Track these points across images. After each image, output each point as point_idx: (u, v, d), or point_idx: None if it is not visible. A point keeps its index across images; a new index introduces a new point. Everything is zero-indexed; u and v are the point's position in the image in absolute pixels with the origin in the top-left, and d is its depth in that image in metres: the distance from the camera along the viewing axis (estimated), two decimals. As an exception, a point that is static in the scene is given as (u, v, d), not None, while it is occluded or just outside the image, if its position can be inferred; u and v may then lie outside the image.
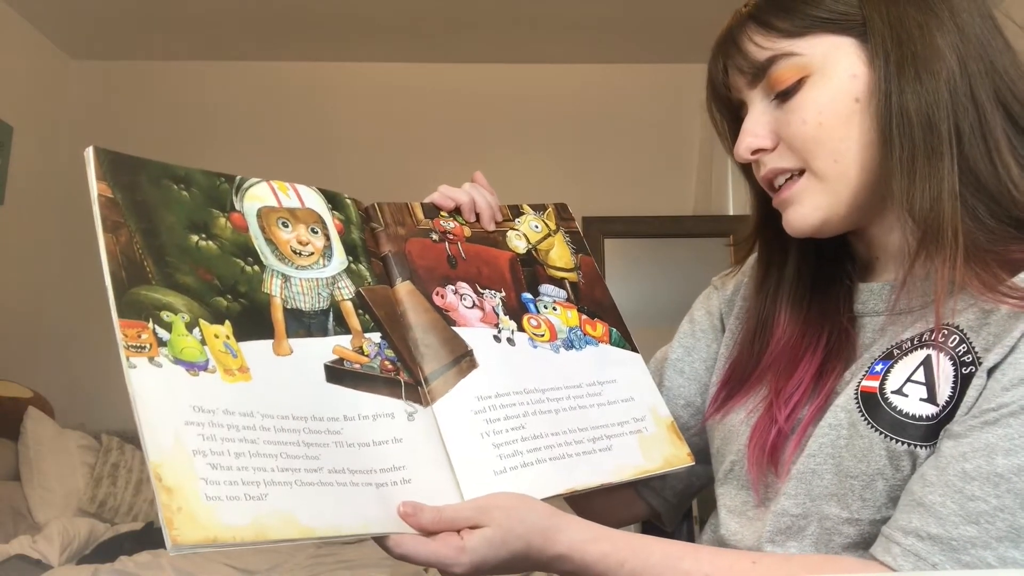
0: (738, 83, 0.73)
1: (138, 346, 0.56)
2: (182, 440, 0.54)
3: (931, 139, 0.64)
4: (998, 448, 0.57)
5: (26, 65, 3.19)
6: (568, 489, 0.70)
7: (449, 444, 0.68)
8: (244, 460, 0.56)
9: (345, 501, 0.59)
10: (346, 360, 0.67)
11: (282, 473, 0.57)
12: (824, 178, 0.69)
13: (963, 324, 0.63)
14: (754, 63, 0.70)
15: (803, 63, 0.68)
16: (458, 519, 0.62)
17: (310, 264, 0.70)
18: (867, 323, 0.73)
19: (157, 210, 0.63)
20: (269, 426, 0.59)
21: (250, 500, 0.54)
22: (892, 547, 0.59)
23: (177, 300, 0.60)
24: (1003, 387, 0.58)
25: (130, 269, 0.59)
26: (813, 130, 0.68)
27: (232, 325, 0.62)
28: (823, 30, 0.68)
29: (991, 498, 0.56)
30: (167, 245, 0.62)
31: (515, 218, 0.89)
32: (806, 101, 0.68)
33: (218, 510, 0.52)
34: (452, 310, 0.76)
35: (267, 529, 0.54)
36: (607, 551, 0.63)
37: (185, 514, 0.51)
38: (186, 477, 0.52)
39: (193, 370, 0.57)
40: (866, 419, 0.64)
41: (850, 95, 0.67)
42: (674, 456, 0.79)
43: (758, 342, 0.79)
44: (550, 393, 0.76)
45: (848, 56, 0.68)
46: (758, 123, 0.72)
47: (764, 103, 0.72)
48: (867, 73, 0.67)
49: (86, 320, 3.25)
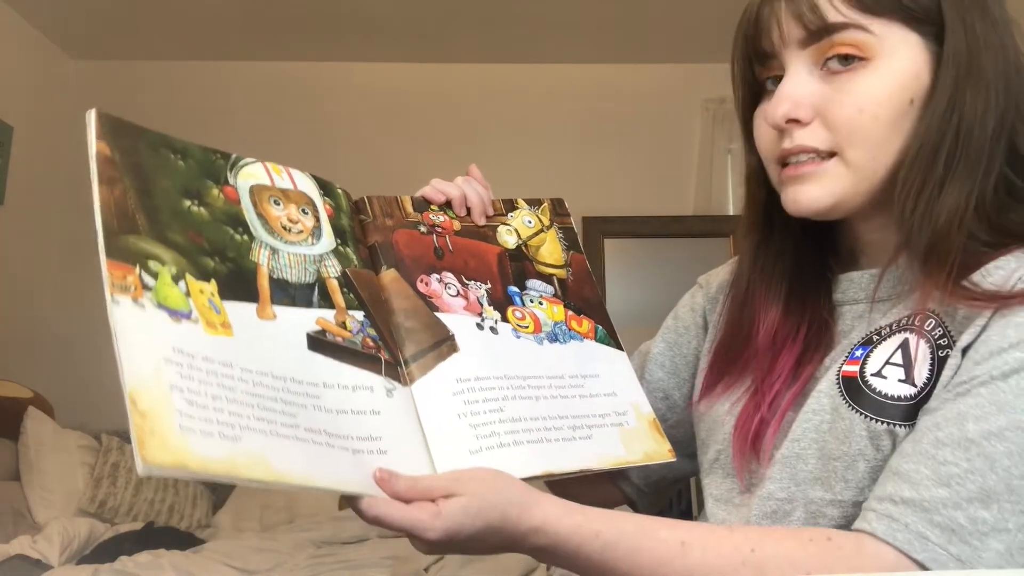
0: (789, 34, 0.67)
1: (123, 286, 0.55)
2: (160, 373, 0.53)
3: (971, 159, 0.64)
4: (968, 415, 0.58)
5: (26, 65, 3.20)
6: (545, 471, 0.70)
7: (425, 423, 0.68)
8: (221, 403, 0.55)
9: (320, 458, 0.59)
10: (328, 332, 0.67)
11: (257, 422, 0.56)
12: (855, 169, 0.67)
13: (938, 309, 0.65)
14: (823, 20, 0.65)
15: (872, 43, 0.65)
16: (434, 488, 0.61)
17: (299, 241, 0.70)
18: (846, 311, 0.74)
19: (153, 173, 0.63)
20: (247, 379, 0.58)
21: (224, 439, 0.54)
22: (867, 514, 0.60)
23: (165, 253, 0.60)
24: (975, 362, 0.60)
25: (121, 220, 0.58)
26: (867, 121, 0.65)
27: (217, 284, 0.62)
28: (901, 17, 0.65)
29: (962, 461, 0.57)
30: (160, 206, 0.62)
31: (508, 212, 0.88)
32: (863, 87, 0.65)
33: (190, 440, 0.52)
34: (436, 297, 0.77)
35: (239, 467, 0.53)
36: (580, 522, 0.63)
37: (158, 437, 0.50)
38: (161, 405, 0.52)
39: (176, 317, 0.57)
40: (847, 402, 0.65)
41: (908, 94, 0.65)
42: (655, 452, 0.79)
43: (741, 335, 0.79)
44: (531, 381, 0.76)
45: (917, 54, 0.65)
46: (802, 90, 0.67)
47: (810, 69, 0.67)
48: (929, 77, 0.65)
49: (86, 320, 3.24)
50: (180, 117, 3.37)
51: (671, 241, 3.45)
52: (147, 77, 3.44)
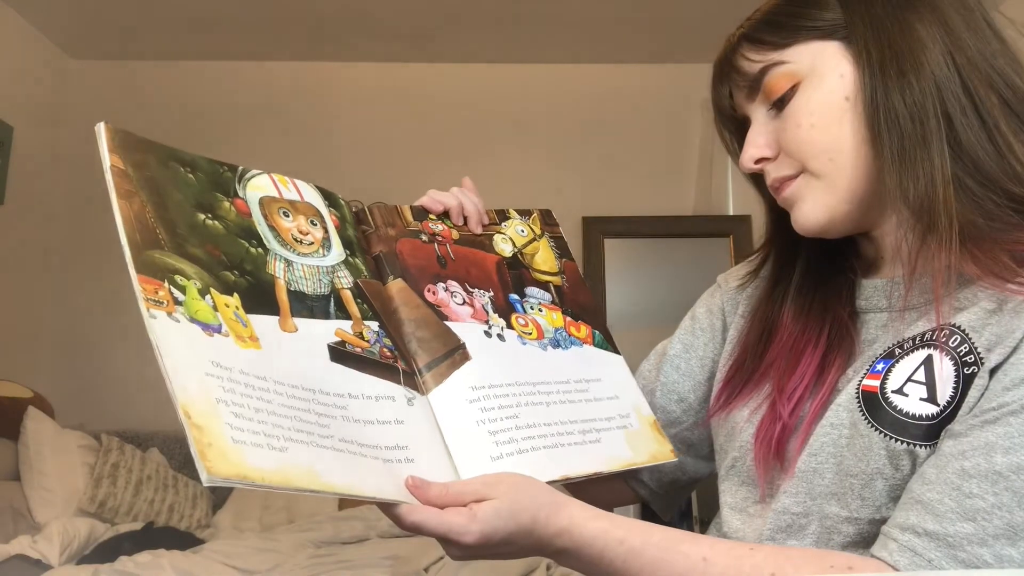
0: (739, 100, 0.76)
1: (156, 300, 0.56)
2: (206, 387, 0.54)
3: (919, 129, 0.65)
4: (997, 446, 0.57)
5: (26, 65, 3.19)
6: (562, 475, 0.71)
7: (445, 431, 0.69)
8: (263, 416, 0.56)
9: (359, 467, 0.60)
10: (348, 343, 0.68)
11: (298, 433, 0.58)
12: (822, 177, 0.70)
13: (964, 324, 0.63)
14: (748, 77, 0.73)
15: (793, 70, 0.70)
16: (465, 493, 0.63)
17: (311, 252, 0.71)
18: (869, 319, 0.74)
19: (166, 187, 0.64)
20: (282, 392, 0.59)
21: (272, 450, 0.55)
22: (889, 543, 0.59)
23: (189, 268, 0.60)
24: (1004, 387, 0.58)
25: (144, 234, 0.59)
26: (806, 132, 0.70)
27: (240, 298, 0.63)
28: (809, 37, 0.70)
29: (989, 495, 0.56)
30: (177, 219, 0.63)
31: (502, 222, 0.91)
32: (799, 106, 0.70)
33: (245, 452, 0.53)
34: (444, 306, 0.78)
35: (291, 477, 0.54)
36: (606, 527, 0.64)
37: (216, 449, 0.52)
38: (213, 418, 0.53)
39: (208, 331, 0.58)
40: (867, 418, 0.64)
41: (840, 94, 0.69)
42: (659, 452, 0.81)
43: (763, 342, 0.80)
44: (540, 387, 0.77)
45: (835, 58, 0.70)
46: (759, 134, 0.74)
47: (764, 114, 0.74)
48: (854, 72, 0.69)
49: (86, 320, 3.25)
50: (180, 117, 3.37)
51: (671, 241, 3.45)
52: (147, 77, 3.44)
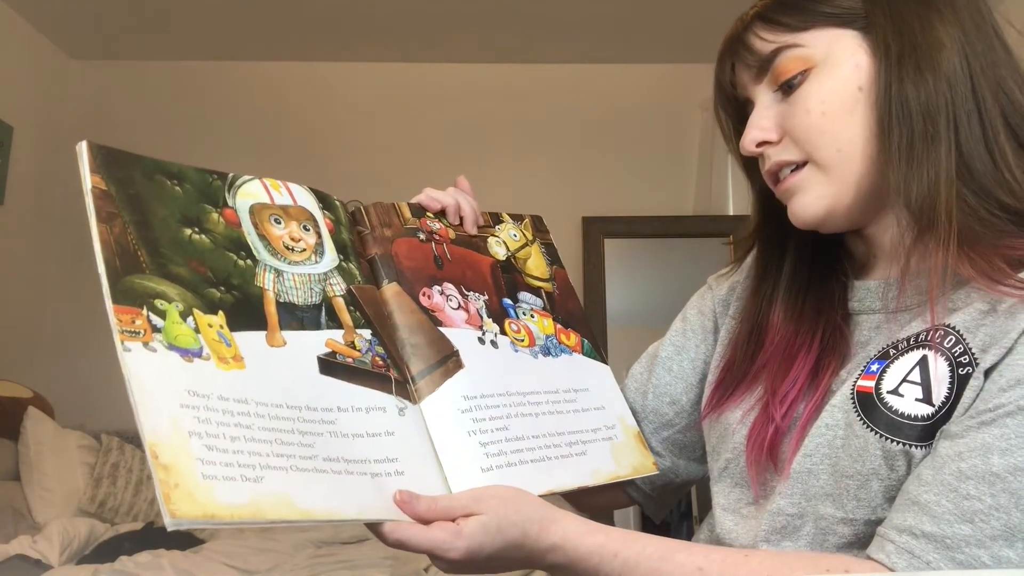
0: (744, 79, 0.74)
1: (132, 331, 0.55)
2: (178, 422, 0.53)
3: (929, 128, 0.65)
4: (994, 448, 0.57)
5: (26, 65, 3.19)
6: (548, 490, 0.71)
7: (437, 441, 0.68)
8: (239, 444, 0.55)
9: (341, 487, 0.59)
10: (338, 354, 0.67)
11: (277, 459, 0.57)
12: (827, 168, 0.70)
13: (959, 324, 0.63)
14: (759, 56, 0.71)
15: (807, 54, 0.69)
16: (454, 507, 0.62)
17: (302, 260, 0.70)
18: (863, 321, 0.73)
19: (150, 203, 0.63)
20: (264, 413, 0.58)
21: (246, 481, 0.54)
22: (886, 545, 0.59)
23: (171, 289, 0.59)
24: (1000, 388, 0.58)
25: (124, 258, 0.58)
26: (816, 120, 0.69)
27: (225, 315, 0.62)
28: (827, 24, 0.69)
29: (986, 497, 0.56)
30: (160, 238, 0.62)
31: (495, 225, 0.90)
32: (810, 92, 0.69)
33: (215, 489, 0.52)
34: (439, 311, 0.77)
35: (264, 509, 0.53)
36: (601, 542, 0.64)
37: (182, 490, 0.51)
38: (183, 456, 0.52)
39: (187, 356, 0.57)
40: (862, 419, 0.64)
41: (854, 84, 0.68)
42: (641, 465, 0.82)
43: (753, 342, 0.79)
44: (530, 397, 0.77)
45: (851, 47, 0.69)
46: (764, 116, 0.72)
47: (769, 97, 0.72)
48: (870, 64, 0.68)
49: (86, 320, 3.24)
50: (180, 117, 3.37)
51: (671, 241, 3.44)
52: (147, 77, 3.44)
